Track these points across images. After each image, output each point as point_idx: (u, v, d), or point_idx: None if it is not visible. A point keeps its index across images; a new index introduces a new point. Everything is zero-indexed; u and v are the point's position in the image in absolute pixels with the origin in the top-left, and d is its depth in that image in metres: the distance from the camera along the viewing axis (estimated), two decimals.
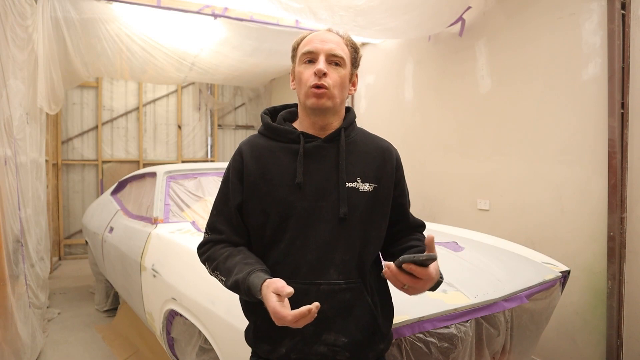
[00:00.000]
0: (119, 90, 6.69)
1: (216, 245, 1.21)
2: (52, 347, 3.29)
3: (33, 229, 3.51)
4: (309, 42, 1.17)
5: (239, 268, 1.10)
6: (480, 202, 3.41)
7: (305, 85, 1.14)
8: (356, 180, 1.18)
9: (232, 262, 1.14)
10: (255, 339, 1.20)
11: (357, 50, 1.23)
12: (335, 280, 1.14)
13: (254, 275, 1.05)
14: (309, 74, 1.14)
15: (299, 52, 1.19)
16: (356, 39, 4.54)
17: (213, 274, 1.18)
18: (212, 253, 1.20)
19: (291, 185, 1.14)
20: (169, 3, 3.55)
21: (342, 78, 1.16)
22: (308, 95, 1.14)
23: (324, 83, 1.12)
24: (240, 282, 1.06)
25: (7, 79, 2.75)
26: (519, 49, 3.09)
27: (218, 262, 1.17)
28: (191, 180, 3.04)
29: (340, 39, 1.19)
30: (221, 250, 1.18)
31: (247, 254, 1.17)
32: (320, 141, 1.18)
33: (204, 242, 1.24)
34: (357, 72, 1.26)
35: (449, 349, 1.48)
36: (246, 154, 1.20)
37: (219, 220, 1.21)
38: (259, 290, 1.02)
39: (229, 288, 1.13)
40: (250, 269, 1.08)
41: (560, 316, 2.75)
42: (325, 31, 1.20)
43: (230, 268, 1.12)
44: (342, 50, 1.17)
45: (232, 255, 1.16)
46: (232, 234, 1.20)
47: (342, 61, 1.16)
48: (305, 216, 1.14)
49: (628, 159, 2.50)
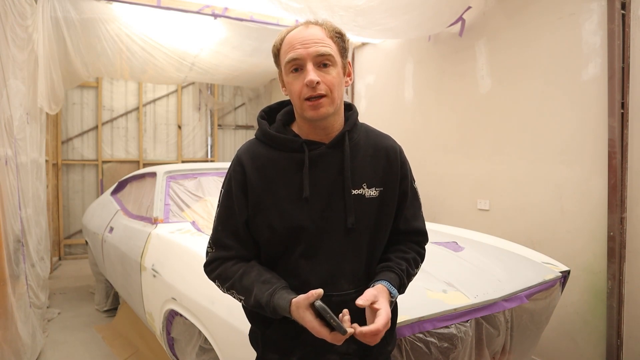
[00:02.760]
0: (119, 90, 6.69)
1: (226, 262, 1.14)
2: (52, 347, 3.28)
3: (33, 228, 3.51)
4: (290, 46, 1.06)
5: (258, 288, 1.06)
6: (480, 202, 3.41)
7: (298, 99, 1.06)
8: (362, 186, 1.13)
9: (249, 280, 1.09)
10: (263, 347, 1.18)
11: (343, 37, 1.11)
12: (346, 290, 1.12)
13: (277, 296, 1.03)
14: (299, 86, 1.05)
15: (281, 60, 1.09)
16: (356, 39, 4.55)
17: (228, 292, 1.14)
18: (223, 271, 1.14)
19: (297, 198, 1.10)
20: (169, 3, 3.55)
21: (336, 77, 1.06)
22: (304, 109, 1.06)
23: (320, 92, 1.03)
24: (265, 304, 1.04)
25: (7, 79, 2.75)
26: (519, 49, 3.09)
27: (233, 281, 1.11)
28: (191, 180, 3.04)
29: (322, 32, 1.07)
30: (233, 268, 1.12)
31: (261, 269, 1.12)
32: (324, 148, 1.12)
33: (211, 259, 1.17)
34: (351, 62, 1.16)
35: (449, 349, 1.48)
36: (248, 165, 1.13)
37: (225, 235, 1.14)
38: (288, 312, 1.00)
39: (250, 307, 1.10)
40: (271, 290, 1.05)
41: (560, 316, 2.75)
42: (305, 27, 1.07)
43: (248, 287, 1.08)
44: (328, 46, 1.06)
45: (247, 273, 1.11)
46: (241, 249, 1.14)
47: (331, 59, 1.06)
48: (312, 229, 1.10)
49: (628, 159, 2.50)
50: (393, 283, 1.09)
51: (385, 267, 1.15)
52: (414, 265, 1.20)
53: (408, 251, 1.21)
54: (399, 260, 1.17)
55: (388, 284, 1.08)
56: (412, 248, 1.23)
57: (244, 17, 3.82)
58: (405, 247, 1.21)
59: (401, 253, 1.19)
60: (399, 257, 1.18)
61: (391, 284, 1.08)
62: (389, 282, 1.08)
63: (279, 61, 1.12)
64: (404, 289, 1.17)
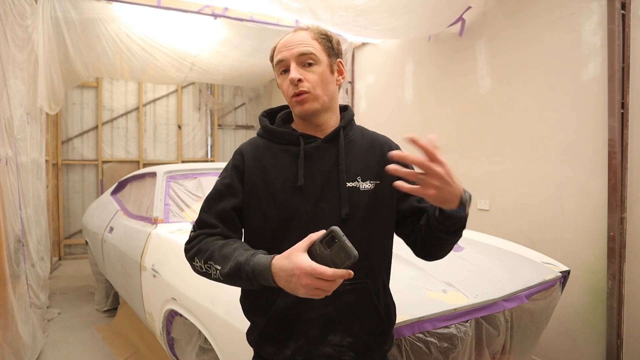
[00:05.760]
0: (119, 90, 6.69)
1: (209, 237, 1.12)
2: (52, 347, 3.29)
3: (33, 228, 3.51)
4: (278, 51, 1.15)
5: (239, 253, 1.02)
6: (480, 202, 3.41)
7: (288, 96, 1.15)
8: (357, 179, 1.16)
9: (230, 248, 1.06)
10: (259, 341, 1.18)
11: (331, 38, 1.17)
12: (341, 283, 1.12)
13: (258, 256, 0.99)
14: (287, 85, 1.13)
15: (274, 64, 1.18)
16: (356, 39, 4.55)
17: (205, 265, 1.08)
18: (203, 245, 1.10)
19: (292, 187, 1.13)
20: (169, 3, 3.55)
21: (320, 75, 1.12)
22: (292, 105, 1.15)
23: (302, 89, 1.10)
24: (244, 263, 0.98)
25: (7, 79, 2.75)
26: (519, 49, 3.09)
27: (212, 250, 1.07)
28: (191, 180, 3.04)
29: (307, 34, 1.14)
30: (215, 242, 1.10)
31: (245, 244, 1.10)
32: (319, 142, 1.16)
33: (193, 236, 1.15)
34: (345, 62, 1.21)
35: (449, 349, 1.48)
36: (247, 154, 1.18)
37: (211, 216, 1.15)
38: (268, 268, 0.94)
39: (224, 276, 1.03)
40: (252, 251, 1.02)
41: (560, 316, 2.75)
42: (293, 33, 1.16)
43: (228, 254, 1.04)
44: (310, 46, 1.12)
45: (229, 244, 1.08)
46: (226, 229, 1.14)
47: (314, 57, 1.12)
48: (306, 219, 1.12)
49: (628, 159, 2.50)
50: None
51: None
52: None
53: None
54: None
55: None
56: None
57: (244, 17, 3.83)
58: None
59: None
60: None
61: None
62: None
63: (274, 66, 1.20)
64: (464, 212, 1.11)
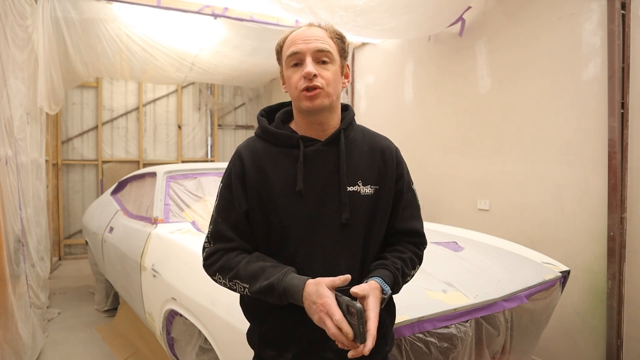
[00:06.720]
0: (119, 90, 6.69)
1: (228, 253, 1.12)
2: (52, 347, 3.29)
3: (33, 228, 3.51)
4: (292, 42, 1.12)
5: (269, 272, 1.05)
6: (480, 202, 3.41)
7: (296, 90, 1.10)
8: (357, 183, 1.14)
9: (256, 266, 1.07)
10: (260, 343, 1.18)
11: (344, 39, 1.17)
12: (342, 287, 1.11)
13: (290, 277, 1.02)
14: (297, 78, 1.10)
15: (283, 55, 1.14)
16: (356, 39, 4.55)
17: (230, 282, 1.10)
18: (225, 262, 1.11)
19: (292, 192, 1.11)
20: (169, 3, 3.55)
21: (333, 74, 1.11)
22: (301, 99, 1.10)
23: (316, 84, 1.08)
24: (276, 283, 1.02)
25: (7, 79, 2.75)
26: (519, 49, 3.09)
27: (237, 269, 1.08)
28: (191, 180, 3.04)
29: (324, 32, 1.13)
30: (236, 258, 1.11)
31: (267, 257, 1.11)
32: (320, 145, 1.14)
33: (210, 252, 1.15)
34: (349, 64, 1.20)
35: (449, 349, 1.49)
36: (246, 159, 1.15)
37: (226, 228, 1.13)
38: (300, 291, 0.99)
39: (253, 293, 1.07)
40: (284, 270, 1.04)
41: (560, 316, 2.75)
42: (307, 27, 1.14)
43: (255, 272, 1.06)
44: (327, 44, 1.11)
45: (252, 261, 1.09)
46: (242, 241, 1.13)
47: (330, 56, 1.11)
48: (307, 224, 1.11)
49: (628, 159, 2.50)
50: (386, 280, 1.08)
51: (379, 265, 1.14)
52: (411, 266, 1.19)
53: (405, 251, 1.20)
54: (394, 259, 1.16)
55: (381, 280, 1.07)
56: (409, 248, 1.21)
57: (244, 17, 3.82)
58: (402, 248, 1.21)
59: (397, 252, 1.19)
60: (394, 256, 1.17)
61: (384, 281, 1.07)
62: (382, 279, 1.08)
63: (281, 57, 1.17)
64: (398, 287, 1.15)
